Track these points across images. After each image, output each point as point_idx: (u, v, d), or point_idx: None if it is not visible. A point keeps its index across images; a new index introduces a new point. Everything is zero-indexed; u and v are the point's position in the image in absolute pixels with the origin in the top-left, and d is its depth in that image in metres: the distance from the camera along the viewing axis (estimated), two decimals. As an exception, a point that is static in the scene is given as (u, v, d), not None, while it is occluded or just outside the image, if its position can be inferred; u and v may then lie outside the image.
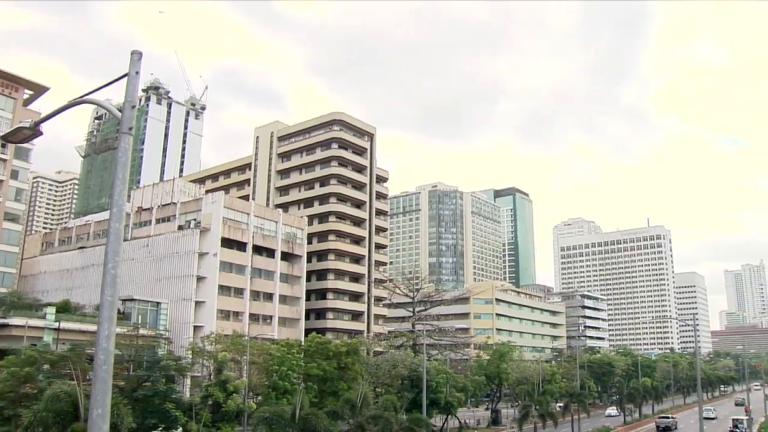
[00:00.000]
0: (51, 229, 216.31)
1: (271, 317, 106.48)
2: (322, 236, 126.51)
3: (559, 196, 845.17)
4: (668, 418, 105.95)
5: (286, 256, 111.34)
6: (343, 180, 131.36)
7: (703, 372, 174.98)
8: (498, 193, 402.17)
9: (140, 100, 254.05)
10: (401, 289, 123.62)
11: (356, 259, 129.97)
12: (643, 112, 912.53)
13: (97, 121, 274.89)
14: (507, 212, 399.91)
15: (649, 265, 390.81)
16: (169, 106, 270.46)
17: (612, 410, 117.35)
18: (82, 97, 13.63)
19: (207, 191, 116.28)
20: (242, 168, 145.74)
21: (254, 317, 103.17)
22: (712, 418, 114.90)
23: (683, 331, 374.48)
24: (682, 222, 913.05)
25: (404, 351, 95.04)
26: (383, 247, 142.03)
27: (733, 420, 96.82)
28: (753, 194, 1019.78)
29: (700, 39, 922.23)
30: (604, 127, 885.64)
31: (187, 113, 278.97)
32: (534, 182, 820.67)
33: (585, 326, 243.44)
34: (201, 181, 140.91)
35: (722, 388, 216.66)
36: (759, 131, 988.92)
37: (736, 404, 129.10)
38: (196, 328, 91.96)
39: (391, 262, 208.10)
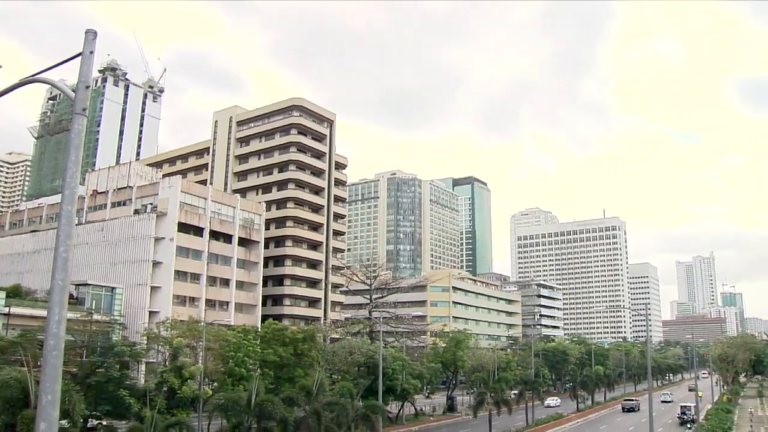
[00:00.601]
0: (2, 211, 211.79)
1: (227, 303, 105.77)
2: (280, 222, 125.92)
3: (517, 186, 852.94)
4: (632, 400, 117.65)
5: (244, 242, 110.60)
6: (301, 166, 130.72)
7: (654, 360, 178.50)
8: (456, 182, 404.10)
9: (96, 81, 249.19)
10: (358, 276, 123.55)
11: (314, 245, 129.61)
12: (602, 106, 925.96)
13: (50, 102, 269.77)
14: (465, 201, 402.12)
15: (604, 255, 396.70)
16: (127, 88, 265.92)
17: (552, 400, 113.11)
18: (34, 75, 13.30)
19: (164, 175, 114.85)
20: (200, 152, 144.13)
21: (211, 303, 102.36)
22: (669, 401, 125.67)
23: (636, 320, 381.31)
24: (637, 214, 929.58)
25: (361, 338, 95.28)
26: (341, 233, 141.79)
27: (681, 407, 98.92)
28: (705, 189, 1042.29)
29: (657, 37, 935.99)
30: (563, 120, 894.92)
31: (145, 96, 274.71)
32: (493, 172, 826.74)
33: (540, 315, 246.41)
34: (158, 165, 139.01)
35: (671, 377, 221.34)
36: (711, 128, 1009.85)
37: (690, 389, 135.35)
38: (152, 313, 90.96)
39: (348, 249, 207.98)
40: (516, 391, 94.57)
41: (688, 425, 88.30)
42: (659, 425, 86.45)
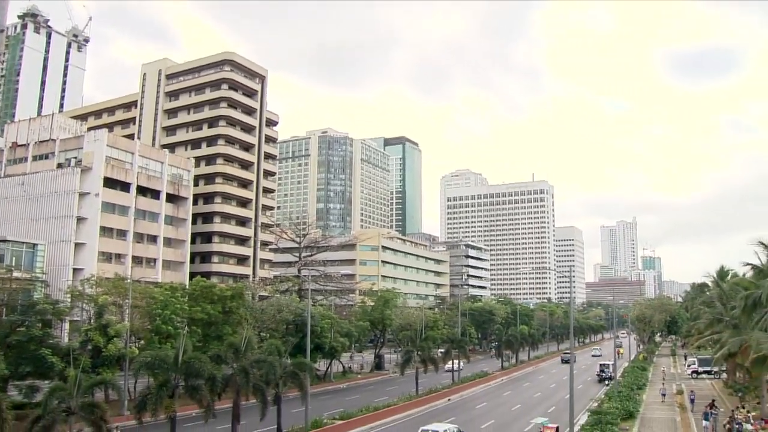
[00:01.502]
0: None
1: (155, 260, 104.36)
2: (209, 178, 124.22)
3: (449, 148, 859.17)
4: (568, 353, 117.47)
5: (172, 198, 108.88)
6: (232, 122, 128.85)
7: (577, 321, 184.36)
8: (388, 142, 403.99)
9: (15, 27, 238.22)
10: (288, 234, 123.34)
11: (243, 202, 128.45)
12: (534, 71, 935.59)
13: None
14: (396, 161, 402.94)
15: (531, 218, 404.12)
16: (49, 36, 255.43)
17: (449, 365, 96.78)
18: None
19: (89, 128, 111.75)
20: (127, 106, 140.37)
21: (137, 260, 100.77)
22: (599, 355, 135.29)
23: (560, 281, 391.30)
24: (565, 178, 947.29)
25: (290, 296, 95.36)
26: (271, 191, 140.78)
27: (600, 365, 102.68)
28: (630, 156, 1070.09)
29: (591, 5, 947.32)
30: (496, 83, 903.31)
31: (69, 45, 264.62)
32: (424, 133, 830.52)
33: (468, 275, 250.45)
34: (83, 117, 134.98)
35: (592, 336, 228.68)
36: (639, 97, 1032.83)
37: (616, 347, 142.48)
38: (76, 270, 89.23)
39: (278, 207, 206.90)
40: (443, 350, 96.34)
41: (606, 382, 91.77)
42: (579, 382, 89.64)
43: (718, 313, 76.32)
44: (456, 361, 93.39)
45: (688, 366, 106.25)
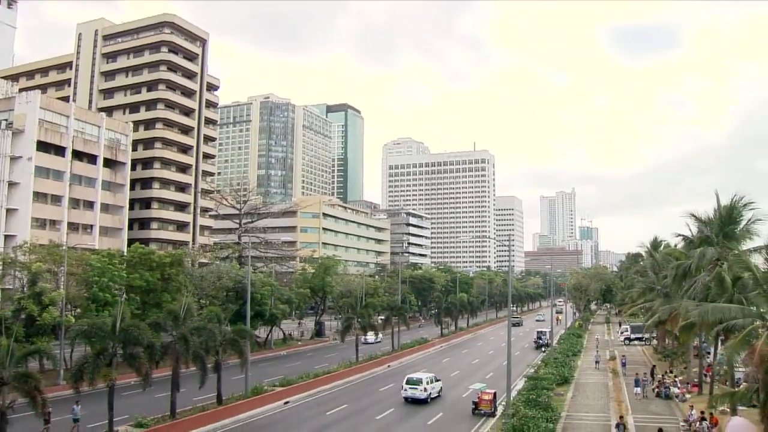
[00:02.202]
0: None
1: (91, 226, 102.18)
2: (148, 143, 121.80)
3: (391, 116, 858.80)
4: (517, 317, 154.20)
5: (109, 163, 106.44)
6: (172, 86, 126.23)
7: (515, 289, 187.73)
8: (330, 109, 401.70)
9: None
10: (228, 201, 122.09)
11: (183, 168, 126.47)
12: (479, 42, 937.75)
13: None
14: (338, 128, 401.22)
15: (472, 187, 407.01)
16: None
17: (370, 337, 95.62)
18: None
19: (21, 90, 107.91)
20: (62, 67, 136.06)
21: (73, 226, 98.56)
22: (542, 320, 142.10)
23: (500, 250, 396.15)
24: (506, 148, 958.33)
25: (230, 263, 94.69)
26: (211, 157, 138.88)
27: (537, 332, 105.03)
28: (571, 128, 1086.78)
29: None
30: (441, 53, 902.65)
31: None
32: (367, 100, 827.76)
33: (409, 243, 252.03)
34: (14, 78, 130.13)
35: (530, 304, 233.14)
36: (581, 70, 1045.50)
37: (557, 313, 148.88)
38: (8, 237, 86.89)
39: (219, 173, 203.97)
40: (383, 317, 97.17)
41: (543, 349, 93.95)
42: (517, 349, 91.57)
43: (650, 283, 78.59)
44: (372, 333, 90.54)
45: (621, 333, 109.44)
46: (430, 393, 54.77)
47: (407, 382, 54.54)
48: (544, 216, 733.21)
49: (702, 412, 43.53)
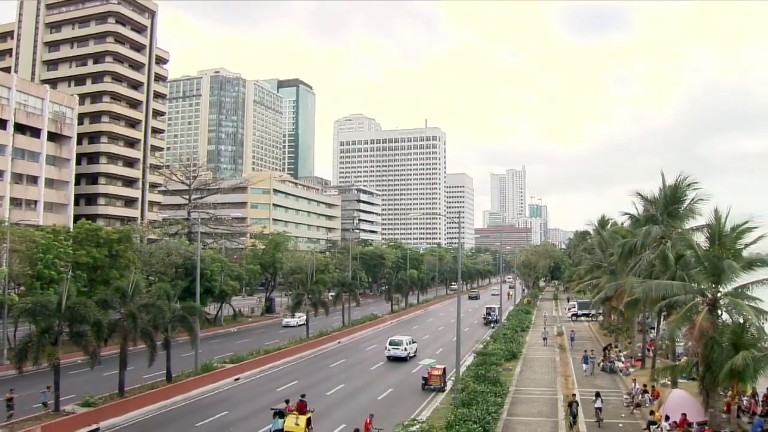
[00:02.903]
0: None
1: (35, 202, 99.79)
2: (95, 117, 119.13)
3: (343, 92, 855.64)
4: (475, 291, 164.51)
5: (54, 137, 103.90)
6: (119, 58, 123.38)
7: (465, 266, 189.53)
8: (281, 84, 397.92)
9: None
10: (178, 176, 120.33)
11: (131, 143, 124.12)
12: (432, 19, 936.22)
13: None
14: (289, 104, 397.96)
15: (423, 164, 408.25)
16: None
17: (291, 319, 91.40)
18: None
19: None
20: (3, 36, 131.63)
21: (16, 202, 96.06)
22: (497, 294, 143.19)
23: (450, 227, 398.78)
24: (457, 126, 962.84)
25: (179, 239, 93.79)
26: (160, 131, 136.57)
27: (487, 308, 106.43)
28: (523, 107, 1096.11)
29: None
30: (394, 29, 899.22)
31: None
32: (319, 76, 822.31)
33: (359, 219, 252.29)
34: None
35: (480, 281, 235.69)
36: (533, 50, 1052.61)
37: (510, 287, 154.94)
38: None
39: (168, 148, 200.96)
40: (333, 293, 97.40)
41: (492, 325, 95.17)
42: (466, 326, 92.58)
43: (597, 260, 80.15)
44: (300, 313, 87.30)
45: (569, 309, 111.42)
46: (409, 352, 65.32)
47: (390, 344, 65.80)
48: (494, 193, 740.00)
49: (644, 385, 44.78)
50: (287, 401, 37.65)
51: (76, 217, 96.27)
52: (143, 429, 37.38)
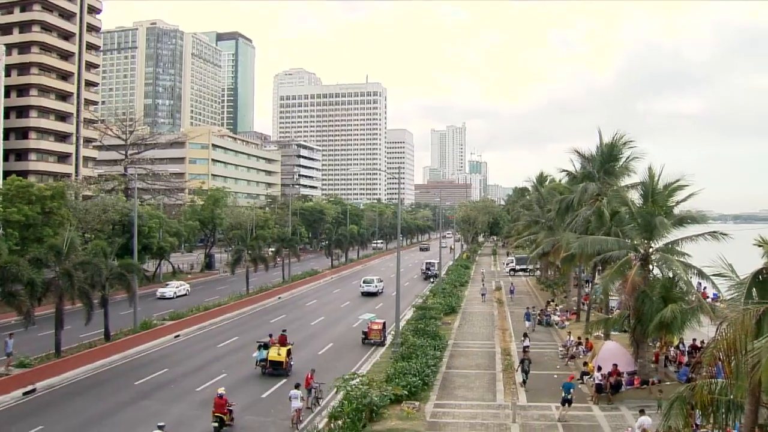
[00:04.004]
0: None
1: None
2: (24, 69, 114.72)
3: (283, 46, 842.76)
4: (425, 244, 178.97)
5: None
6: (48, 7, 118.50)
7: (405, 221, 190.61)
8: (220, 37, 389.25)
9: None
10: (113, 131, 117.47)
11: (63, 96, 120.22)
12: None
13: None
14: (228, 57, 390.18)
15: (364, 120, 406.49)
16: None
17: (165, 290, 77.53)
18: None
19: None
20: None
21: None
22: (445, 247, 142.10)
23: (390, 183, 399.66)
24: (398, 81, 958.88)
25: (115, 195, 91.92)
26: (94, 84, 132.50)
27: (426, 263, 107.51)
28: (465, 63, 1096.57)
29: None
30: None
31: None
32: (259, 30, 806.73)
33: (299, 175, 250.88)
34: None
35: (419, 236, 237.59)
36: (475, 6, 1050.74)
37: (456, 241, 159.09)
38: None
39: (103, 102, 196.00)
40: (273, 249, 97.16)
41: (431, 279, 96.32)
42: (406, 280, 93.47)
43: (535, 216, 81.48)
44: (178, 282, 79.55)
45: (507, 264, 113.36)
46: (378, 289, 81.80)
47: (364, 282, 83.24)
48: (434, 150, 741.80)
49: (579, 338, 46.12)
50: (270, 335, 44.54)
51: (6, 174, 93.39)
52: (81, 389, 36.96)
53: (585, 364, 40.07)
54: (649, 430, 27.28)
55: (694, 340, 40.39)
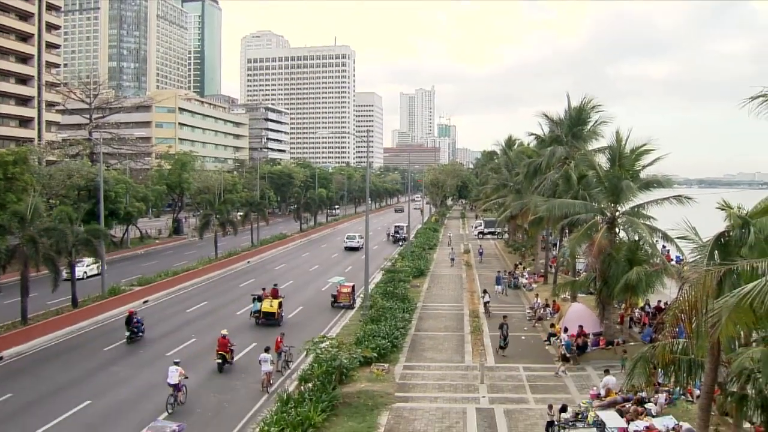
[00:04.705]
0: None
1: None
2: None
3: (251, 8, 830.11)
4: (400, 206, 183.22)
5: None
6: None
7: (374, 184, 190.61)
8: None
9: None
10: (77, 95, 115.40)
11: (24, 58, 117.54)
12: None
13: None
14: (195, 19, 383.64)
15: (332, 82, 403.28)
16: None
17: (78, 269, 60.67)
18: None
19: None
20: None
21: None
22: (419, 209, 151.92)
23: (359, 146, 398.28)
24: (367, 44, 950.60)
25: (80, 160, 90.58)
26: (56, 46, 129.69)
27: (395, 227, 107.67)
28: (433, 27, 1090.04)
29: None
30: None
31: None
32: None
33: (268, 138, 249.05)
34: None
35: (389, 200, 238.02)
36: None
37: (426, 204, 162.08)
38: None
39: (65, 65, 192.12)
40: (242, 213, 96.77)
41: (400, 243, 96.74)
42: (375, 244, 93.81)
43: (504, 179, 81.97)
44: (90, 259, 62.08)
45: (475, 228, 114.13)
46: (360, 244, 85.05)
47: (347, 238, 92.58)
48: (403, 113, 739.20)
49: (546, 300, 46.77)
50: (263, 289, 48.37)
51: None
52: (50, 355, 36.75)
53: (552, 325, 40.73)
54: (613, 389, 27.96)
55: (659, 301, 41.23)
